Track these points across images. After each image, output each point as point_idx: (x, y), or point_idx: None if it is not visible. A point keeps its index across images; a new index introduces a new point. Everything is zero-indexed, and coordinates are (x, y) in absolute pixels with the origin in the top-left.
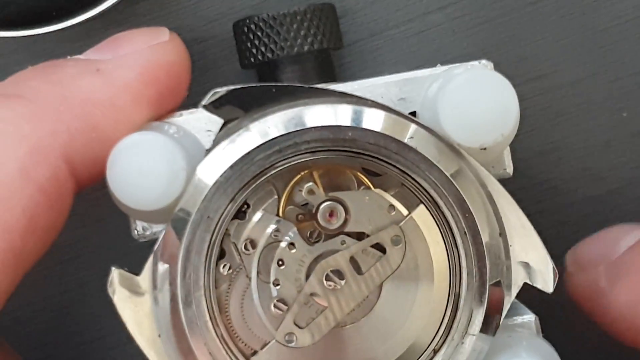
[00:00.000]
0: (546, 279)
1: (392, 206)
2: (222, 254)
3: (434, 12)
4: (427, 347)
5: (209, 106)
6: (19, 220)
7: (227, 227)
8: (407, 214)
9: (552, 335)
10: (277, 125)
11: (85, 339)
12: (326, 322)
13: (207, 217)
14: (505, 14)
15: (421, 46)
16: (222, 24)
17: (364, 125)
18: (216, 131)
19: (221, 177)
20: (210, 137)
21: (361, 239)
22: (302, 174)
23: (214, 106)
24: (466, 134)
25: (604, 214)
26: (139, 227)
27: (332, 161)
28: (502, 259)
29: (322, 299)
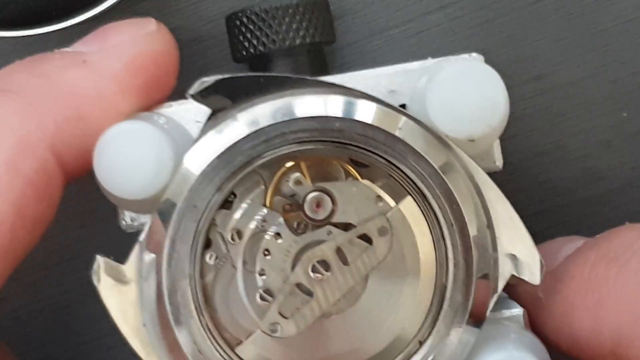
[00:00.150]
0: (533, 271)
1: (379, 197)
2: (208, 244)
3: (434, 12)
4: (413, 338)
5: (196, 95)
6: (7, 213)
7: (213, 217)
8: (394, 205)
9: None
10: (265, 115)
11: (85, 339)
12: (311, 312)
13: (194, 206)
14: (505, 14)
15: (421, 46)
16: (222, 24)
17: (352, 116)
18: (204, 121)
19: (208, 166)
20: (199, 128)
21: (348, 229)
22: (289, 164)
23: (201, 95)
24: (453, 124)
25: (604, 214)
26: (127, 217)
27: (319, 152)
28: (490, 251)
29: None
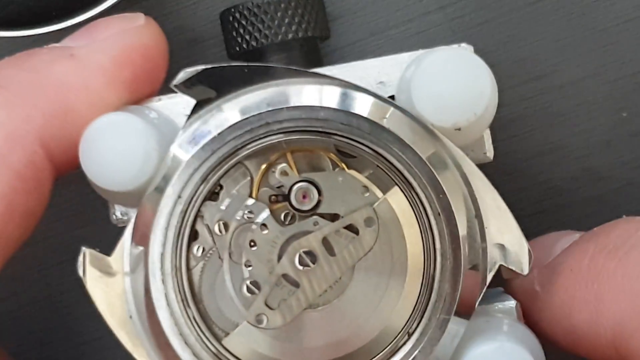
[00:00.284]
0: (522, 260)
1: (366, 188)
2: (195, 236)
3: (433, 12)
4: (401, 329)
5: (180, 86)
6: None
7: (199, 208)
8: (381, 195)
9: None
10: (250, 105)
11: (85, 339)
12: (298, 303)
13: (179, 197)
14: (505, 14)
15: (421, 46)
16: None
17: (338, 105)
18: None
19: (192, 157)
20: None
21: (335, 220)
22: (275, 155)
23: (185, 86)
24: (438, 112)
25: (604, 214)
26: (117, 212)
27: (305, 142)
28: (478, 241)
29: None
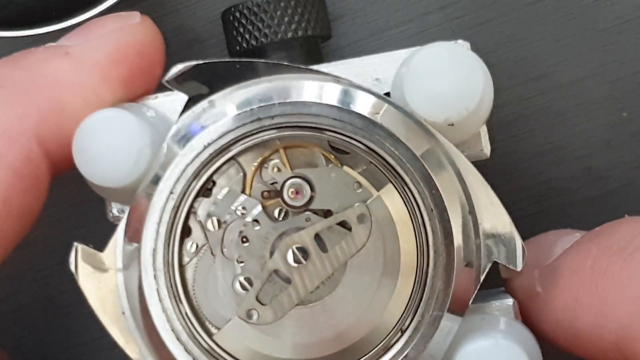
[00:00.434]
0: (515, 256)
1: (359, 184)
2: (188, 232)
3: (433, 12)
4: (394, 326)
5: (172, 81)
6: None
7: (192, 204)
8: (374, 192)
9: None
10: (242, 101)
11: (84, 339)
12: (289, 299)
13: (170, 193)
14: (505, 14)
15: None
16: (221, 23)
17: (331, 101)
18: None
19: (184, 153)
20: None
21: (327, 216)
22: (268, 151)
23: (176, 82)
24: (430, 107)
25: (604, 214)
26: (114, 209)
27: (298, 138)
28: (472, 238)
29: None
